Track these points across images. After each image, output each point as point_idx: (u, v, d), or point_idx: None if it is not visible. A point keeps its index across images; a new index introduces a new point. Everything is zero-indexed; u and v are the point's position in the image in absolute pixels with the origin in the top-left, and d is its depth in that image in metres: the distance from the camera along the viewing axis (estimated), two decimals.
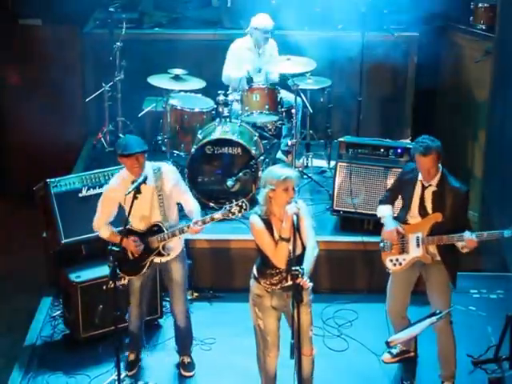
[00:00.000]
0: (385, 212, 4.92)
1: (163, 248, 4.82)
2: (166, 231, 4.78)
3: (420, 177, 4.72)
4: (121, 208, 4.83)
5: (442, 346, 4.86)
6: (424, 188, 4.72)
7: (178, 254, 4.94)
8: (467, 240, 4.56)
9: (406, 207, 4.84)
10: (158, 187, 4.76)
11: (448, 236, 4.65)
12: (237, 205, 4.50)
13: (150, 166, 4.79)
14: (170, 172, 4.86)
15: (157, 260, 4.90)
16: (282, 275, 4.35)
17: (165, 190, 4.79)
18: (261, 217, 4.33)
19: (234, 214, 4.52)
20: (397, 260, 4.86)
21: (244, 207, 4.50)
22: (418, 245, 4.77)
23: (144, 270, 4.86)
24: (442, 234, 4.68)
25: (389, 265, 4.90)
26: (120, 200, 4.76)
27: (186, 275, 5.01)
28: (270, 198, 4.28)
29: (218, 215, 4.61)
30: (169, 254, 4.86)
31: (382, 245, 4.91)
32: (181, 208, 4.98)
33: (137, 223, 4.81)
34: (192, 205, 4.87)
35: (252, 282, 4.51)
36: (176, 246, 4.91)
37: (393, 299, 5.03)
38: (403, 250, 4.82)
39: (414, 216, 4.81)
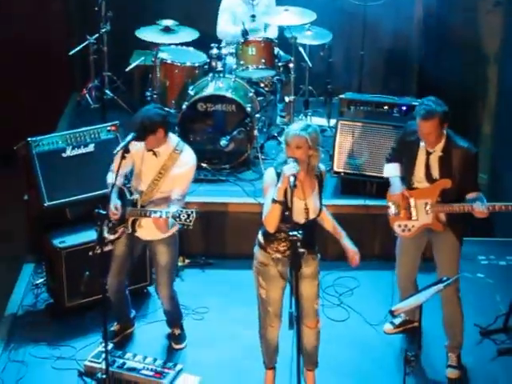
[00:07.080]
0: (392, 172, 4.81)
1: (132, 224, 4.66)
2: (138, 207, 4.64)
3: (423, 142, 4.59)
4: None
5: (448, 316, 4.80)
6: (429, 154, 4.59)
7: (164, 238, 4.75)
8: (477, 212, 4.47)
9: (409, 171, 4.72)
10: (165, 166, 4.60)
11: (459, 205, 4.55)
12: (186, 213, 4.36)
13: (173, 142, 4.64)
14: (186, 162, 4.63)
15: (139, 235, 4.74)
16: (289, 242, 4.15)
17: (168, 172, 4.62)
18: (276, 170, 4.19)
19: (180, 220, 4.35)
20: (405, 226, 4.77)
21: (190, 218, 4.32)
22: (427, 212, 4.67)
23: (114, 236, 4.70)
24: (452, 200, 4.58)
25: (397, 230, 4.82)
26: (135, 158, 4.67)
27: (171, 261, 4.83)
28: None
29: (158, 215, 4.43)
30: (135, 231, 4.70)
31: (389, 209, 4.79)
32: None
33: (137, 184, 4.68)
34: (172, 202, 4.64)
35: (256, 249, 4.35)
36: (152, 230, 4.64)
37: (401, 265, 4.99)
38: (412, 216, 4.72)
39: (419, 181, 4.69)
